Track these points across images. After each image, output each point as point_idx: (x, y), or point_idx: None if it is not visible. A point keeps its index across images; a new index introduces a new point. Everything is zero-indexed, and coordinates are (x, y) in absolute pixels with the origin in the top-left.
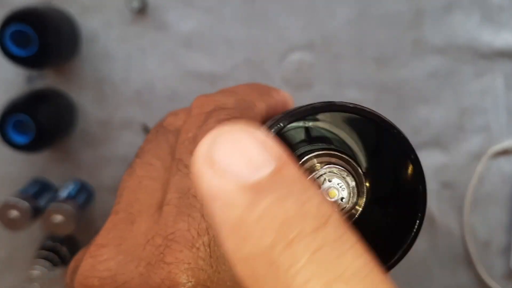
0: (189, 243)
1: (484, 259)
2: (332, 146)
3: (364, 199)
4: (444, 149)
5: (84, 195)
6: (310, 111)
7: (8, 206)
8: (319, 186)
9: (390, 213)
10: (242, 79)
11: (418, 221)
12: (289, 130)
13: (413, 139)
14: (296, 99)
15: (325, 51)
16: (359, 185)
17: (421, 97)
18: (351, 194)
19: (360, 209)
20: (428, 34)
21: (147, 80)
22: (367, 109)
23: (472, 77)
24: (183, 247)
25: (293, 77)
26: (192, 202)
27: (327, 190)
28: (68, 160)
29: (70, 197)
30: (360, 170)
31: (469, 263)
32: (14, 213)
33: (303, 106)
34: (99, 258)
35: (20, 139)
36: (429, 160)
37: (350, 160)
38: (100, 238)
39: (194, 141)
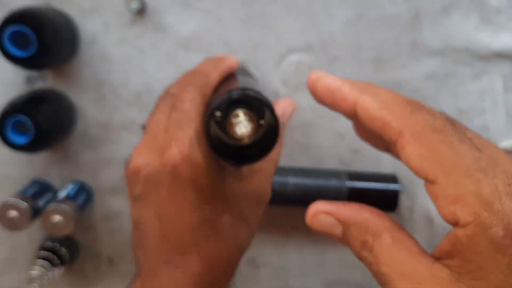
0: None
1: None
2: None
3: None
4: None
5: (83, 195)
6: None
7: (8, 206)
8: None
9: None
10: None
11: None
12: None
13: None
14: (295, 100)
15: (324, 52)
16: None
17: (419, 98)
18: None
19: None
20: (426, 36)
21: (146, 81)
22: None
23: (470, 79)
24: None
25: (292, 78)
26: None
27: (239, 122)
28: (68, 161)
29: (69, 198)
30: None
31: None
32: (13, 213)
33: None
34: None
35: (19, 139)
36: None
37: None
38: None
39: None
